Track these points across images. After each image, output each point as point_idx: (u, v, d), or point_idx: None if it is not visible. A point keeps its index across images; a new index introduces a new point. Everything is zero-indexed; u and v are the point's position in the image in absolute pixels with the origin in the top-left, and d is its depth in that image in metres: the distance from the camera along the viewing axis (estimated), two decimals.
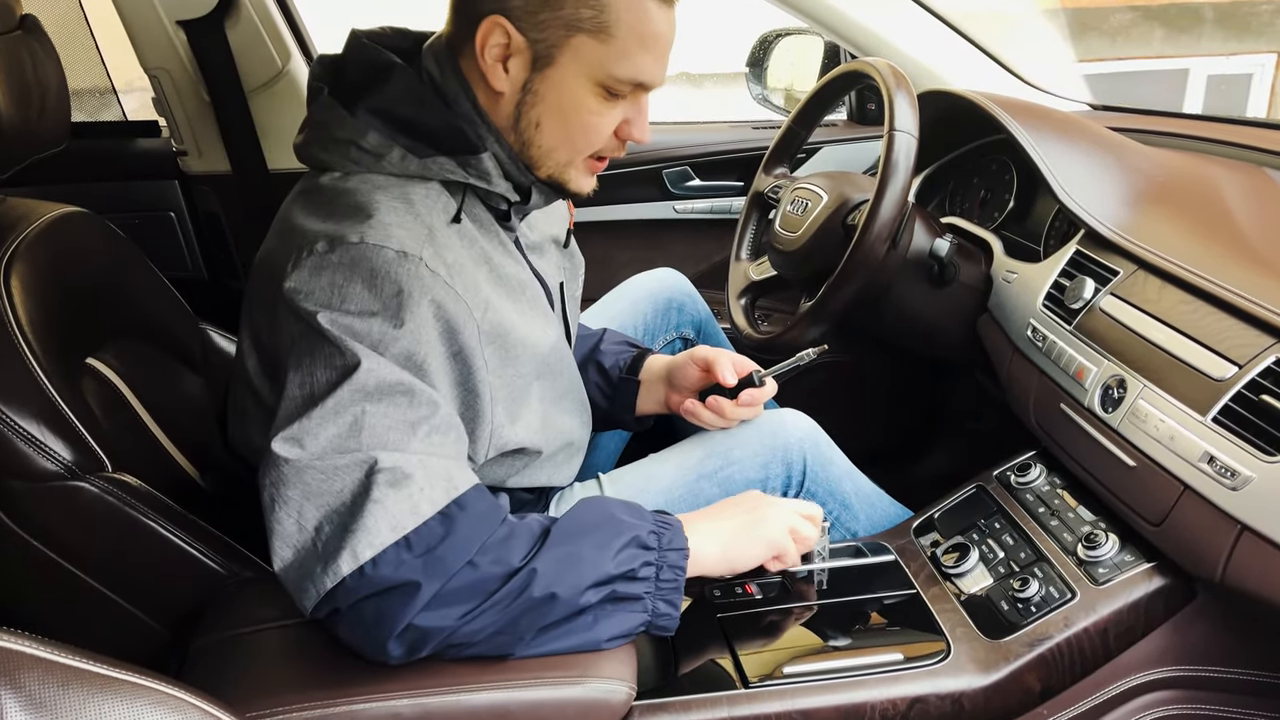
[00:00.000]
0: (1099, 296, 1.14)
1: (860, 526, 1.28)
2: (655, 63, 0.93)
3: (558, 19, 0.89)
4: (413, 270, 0.86)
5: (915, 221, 1.35)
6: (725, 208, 2.00)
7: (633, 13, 0.89)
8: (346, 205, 0.90)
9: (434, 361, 0.88)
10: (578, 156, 0.97)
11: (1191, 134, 1.50)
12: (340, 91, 0.95)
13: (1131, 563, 1.02)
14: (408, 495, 0.82)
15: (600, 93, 0.93)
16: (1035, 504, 1.16)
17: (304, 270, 0.87)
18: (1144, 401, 1.00)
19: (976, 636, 1.02)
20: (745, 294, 1.58)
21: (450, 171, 0.93)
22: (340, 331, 0.84)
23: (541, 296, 1.05)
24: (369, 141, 0.92)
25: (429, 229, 0.90)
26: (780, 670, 0.98)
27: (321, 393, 0.83)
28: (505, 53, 0.91)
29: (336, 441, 0.82)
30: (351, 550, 0.80)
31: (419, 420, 0.85)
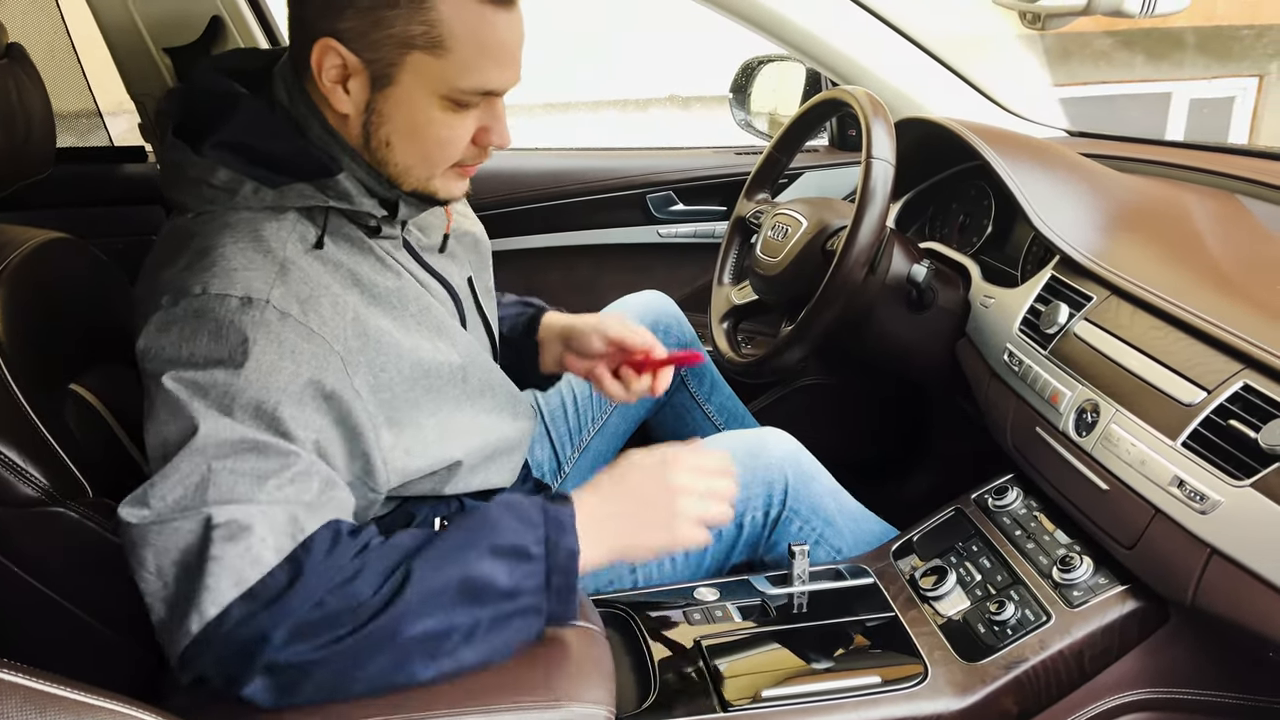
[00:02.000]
0: (1073, 322, 1.15)
1: (845, 544, 1.28)
2: (501, 69, 0.89)
3: (389, 38, 0.85)
4: (257, 317, 0.83)
5: (894, 247, 1.37)
6: (708, 232, 2.01)
7: (467, 24, 0.85)
8: (193, 252, 0.87)
9: (288, 409, 0.84)
10: (437, 169, 0.93)
11: (1165, 160, 1.52)
12: (188, 127, 0.92)
13: (1105, 585, 1.03)
14: (247, 547, 0.78)
15: (448, 105, 0.89)
16: (1012, 527, 1.17)
17: (151, 327, 0.85)
18: (1116, 426, 1.02)
19: (954, 659, 1.03)
20: (727, 318, 1.60)
21: (308, 197, 0.90)
22: (186, 390, 0.81)
23: (432, 306, 0.99)
24: (219, 179, 0.89)
25: (280, 265, 0.87)
26: (759, 693, 0.98)
27: (170, 453, 0.81)
28: (343, 74, 0.88)
29: (181, 500, 0.79)
30: (198, 609, 0.78)
31: (269, 472, 0.81)
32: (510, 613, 0.85)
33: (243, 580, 0.78)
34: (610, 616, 1.11)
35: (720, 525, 0.99)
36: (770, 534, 1.27)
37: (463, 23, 0.85)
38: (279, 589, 0.79)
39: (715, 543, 1.24)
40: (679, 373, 1.61)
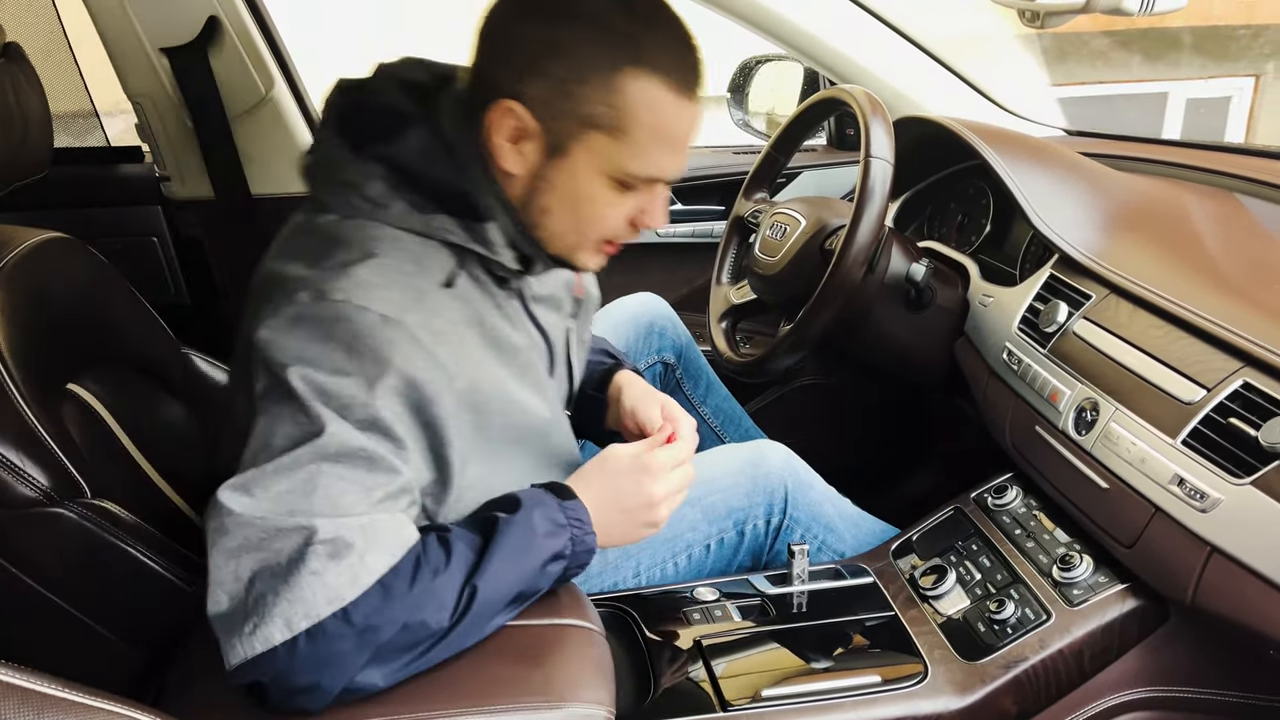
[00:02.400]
0: (1072, 320, 1.15)
1: (847, 547, 1.28)
2: (673, 158, 0.91)
3: (573, 113, 0.86)
4: (393, 336, 0.84)
5: (892, 246, 1.37)
6: (706, 232, 2.01)
7: (651, 112, 0.86)
8: (337, 256, 0.87)
9: (401, 429, 0.85)
10: (587, 242, 0.94)
11: (1163, 159, 1.52)
12: (351, 128, 0.92)
13: (1105, 584, 1.03)
14: (348, 566, 0.79)
15: (614, 185, 0.90)
16: (1012, 526, 1.17)
17: (281, 319, 0.84)
18: (1116, 424, 1.01)
19: (953, 658, 1.02)
20: (726, 317, 1.60)
21: (451, 233, 0.91)
22: (310, 391, 0.81)
23: (535, 363, 1.01)
24: (372, 190, 0.89)
25: (418, 292, 0.88)
26: (759, 693, 0.98)
27: (281, 447, 0.81)
28: (518, 135, 0.88)
29: (286, 500, 0.80)
30: (285, 620, 0.77)
31: (375, 485, 0.83)
32: (532, 601, 0.91)
33: (338, 598, 0.79)
34: (610, 616, 1.11)
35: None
36: (773, 543, 1.27)
37: (648, 110, 0.86)
38: (372, 610, 0.80)
39: (716, 549, 1.24)
40: (674, 374, 1.61)
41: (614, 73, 0.85)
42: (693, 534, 1.24)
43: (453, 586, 0.85)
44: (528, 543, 0.89)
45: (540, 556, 0.89)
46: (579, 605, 0.94)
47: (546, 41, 0.86)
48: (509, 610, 0.89)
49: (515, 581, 0.88)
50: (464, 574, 0.86)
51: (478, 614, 0.85)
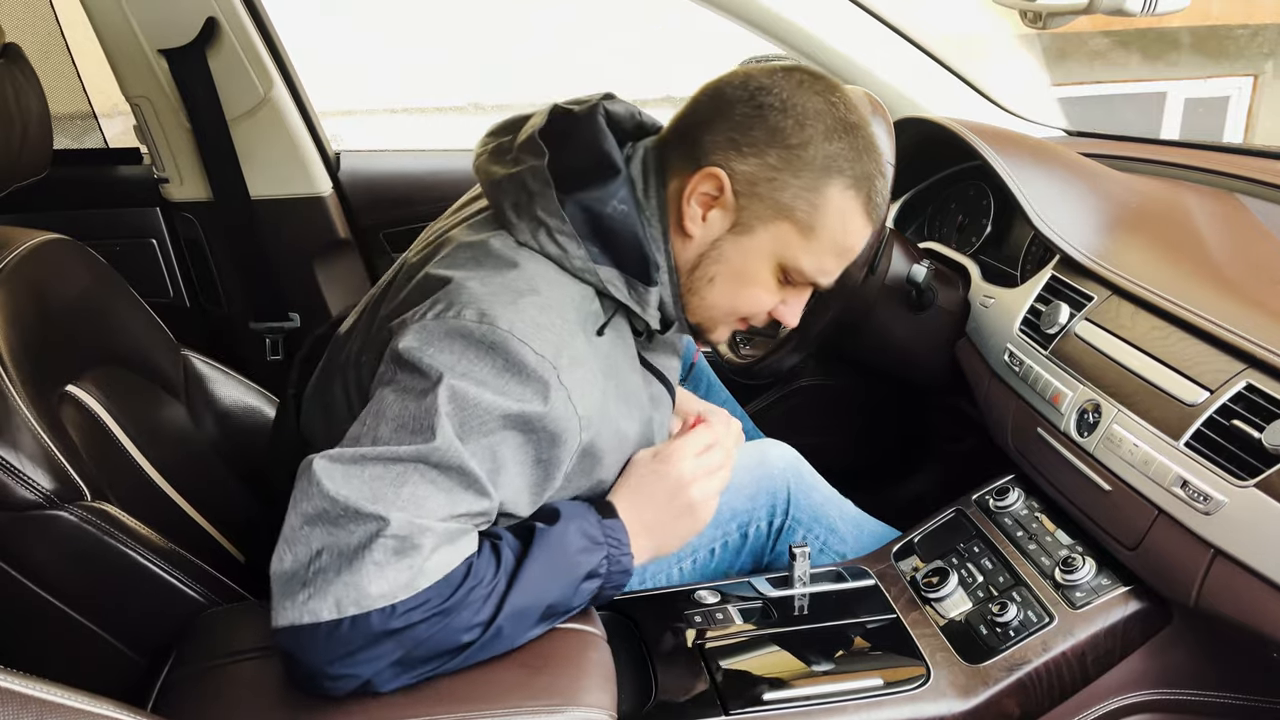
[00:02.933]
0: (1074, 322, 1.15)
1: (849, 549, 1.28)
2: (838, 267, 0.96)
3: (774, 200, 0.90)
4: (545, 378, 0.85)
5: (893, 247, 1.37)
6: None
7: (842, 223, 0.92)
8: (510, 285, 0.88)
9: (513, 467, 0.87)
10: (731, 318, 0.98)
11: (1165, 160, 1.52)
12: (559, 163, 0.92)
13: (1108, 586, 1.03)
14: (409, 565, 0.80)
15: (779, 274, 0.94)
16: (1013, 528, 1.17)
17: (441, 325, 0.86)
18: (1118, 426, 1.01)
19: (956, 661, 1.02)
20: None
21: (615, 288, 0.92)
22: (444, 401, 0.82)
23: (644, 407, 1.02)
24: (563, 234, 0.90)
25: (572, 338, 0.89)
26: (760, 696, 0.98)
27: (389, 438, 0.83)
28: (711, 203, 0.92)
29: (374, 486, 0.81)
30: (336, 600, 0.79)
31: (461, 502, 0.84)
32: (565, 618, 0.92)
33: (391, 595, 0.80)
34: (611, 620, 1.10)
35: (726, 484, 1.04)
36: (774, 544, 1.27)
37: (840, 220, 0.92)
38: (419, 616, 0.81)
39: (721, 552, 1.24)
40: None
41: (826, 177, 0.90)
42: (699, 539, 1.23)
43: (494, 596, 0.86)
44: (562, 557, 0.89)
45: (575, 573, 0.90)
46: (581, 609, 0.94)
47: (774, 129, 0.89)
48: (539, 625, 0.89)
49: (547, 595, 0.88)
50: (504, 585, 0.87)
51: (507, 625, 0.86)
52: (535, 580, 0.88)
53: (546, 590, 0.88)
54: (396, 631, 0.81)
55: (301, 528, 0.81)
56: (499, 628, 0.85)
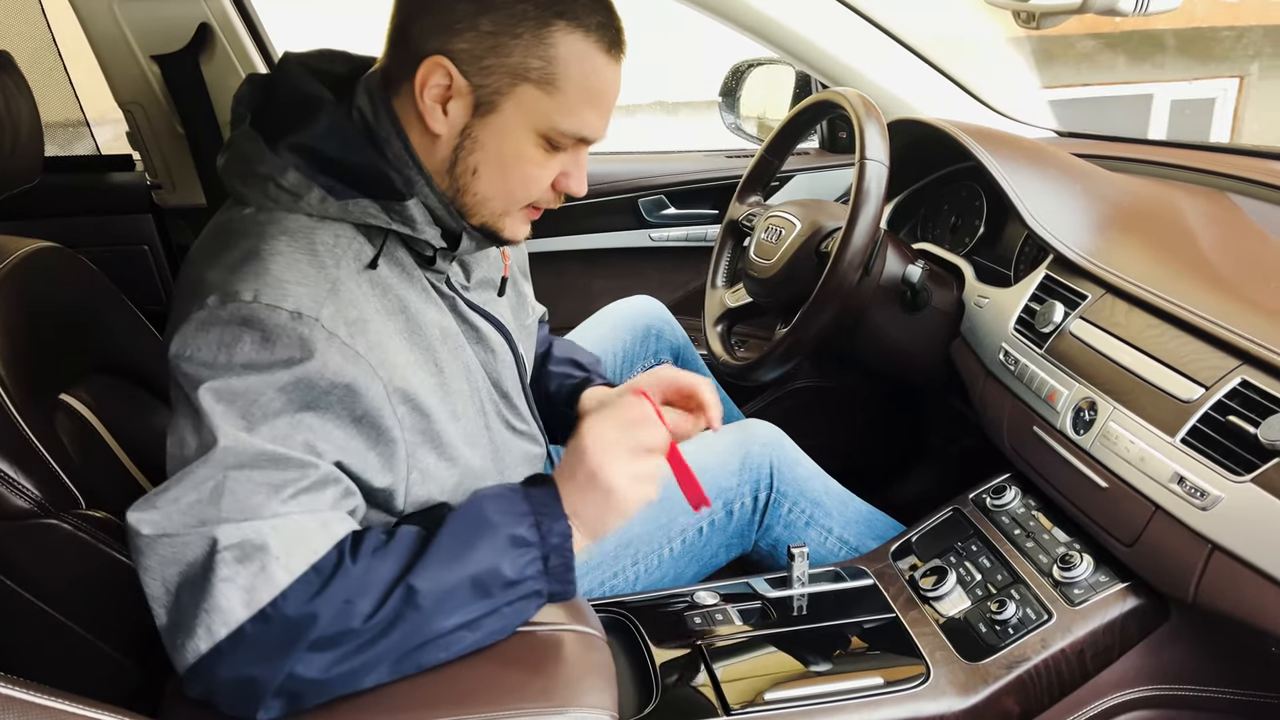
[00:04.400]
0: (1069, 320, 1.15)
1: (835, 523, 1.29)
2: (599, 118, 0.91)
3: (504, 66, 0.86)
4: (306, 334, 0.81)
5: (888, 248, 1.37)
6: (700, 235, 2.01)
7: (581, 67, 0.87)
8: (244, 254, 0.85)
9: (332, 430, 0.84)
10: (514, 206, 0.93)
11: (1155, 160, 1.53)
12: (265, 120, 0.91)
13: (1106, 583, 1.03)
14: (260, 567, 0.78)
15: (542, 144, 0.89)
16: (1011, 526, 1.17)
17: (191, 325, 0.82)
18: (1114, 423, 1.02)
19: (955, 659, 1.02)
20: (721, 320, 1.60)
21: (372, 216, 0.88)
22: (214, 398, 0.80)
23: (465, 348, 0.99)
24: (288, 180, 0.87)
25: (332, 283, 0.85)
26: (762, 696, 0.98)
27: (189, 457, 0.80)
28: (446, 95, 0.87)
29: (195, 510, 0.79)
30: (206, 628, 0.77)
31: (286, 482, 0.81)
32: (515, 598, 0.86)
33: (254, 601, 0.78)
34: (611, 621, 1.10)
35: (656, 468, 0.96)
36: (761, 519, 1.28)
37: (578, 65, 0.87)
38: (293, 610, 0.78)
39: (709, 531, 1.25)
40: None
41: (545, 26, 0.85)
42: (685, 518, 1.24)
43: (383, 575, 0.82)
44: (478, 522, 0.86)
45: (496, 535, 0.85)
46: (580, 610, 0.94)
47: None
48: (477, 599, 0.84)
49: (469, 562, 0.84)
50: (400, 562, 0.83)
51: (426, 603, 0.82)
52: (447, 548, 0.84)
53: (466, 557, 0.84)
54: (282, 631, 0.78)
55: (154, 581, 0.79)
56: (415, 598, 0.81)
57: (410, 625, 0.82)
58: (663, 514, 1.25)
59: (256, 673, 0.78)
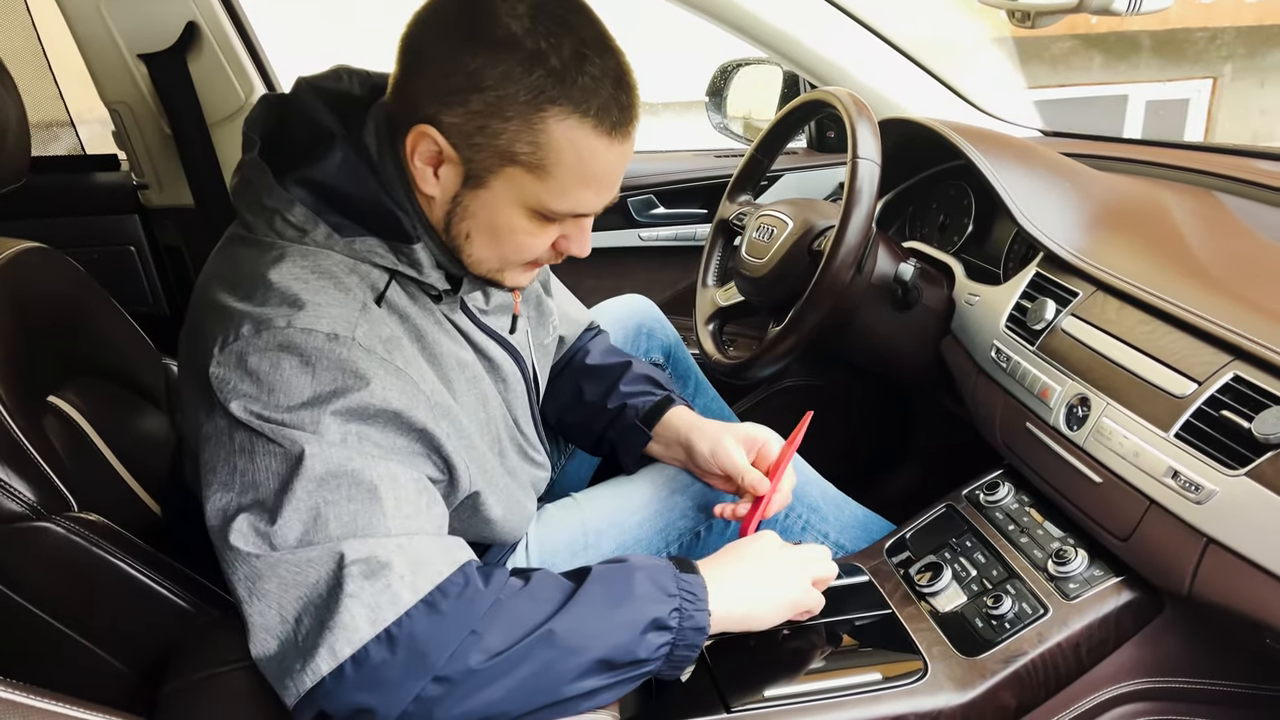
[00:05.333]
0: (1060, 317, 1.16)
1: (831, 528, 1.30)
2: (597, 195, 0.88)
3: (492, 147, 0.83)
4: (345, 353, 0.82)
5: (879, 247, 1.38)
6: (689, 235, 2.02)
7: (576, 151, 0.82)
8: (272, 283, 0.84)
9: (380, 435, 0.83)
10: (510, 266, 0.93)
11: (1142, 159, 1.55)
12: (275, 149, 0.89)
13: (1101, 577, 1.04)
14: (385, 585, 0.77)
15: (534, 217, 0.87)
16: (1005, 521, 1.18)
17: (229, 355, 0.82)
18: (1108, 419, 1.02)
19: (952, 654, 1.03)
20: (713, 319, 1.60)
21: (379, 256, 0.88)
22: (274, 423, 0.80)
23: (482, 377, 1.00)
24: (294, 215, 0.86)
25: (361, 304, 0.86)
26: (761, 693, 0.98)
27: (274, 485, 0.80)
28: (437, 159, 0.85)
29: (302, 533, 0.78)
30: (330, 648, 0.76)
31: (381, 498, 0.81)
32: (632, 678, 0.87)
33: (379, 620, 0.77)
34: None
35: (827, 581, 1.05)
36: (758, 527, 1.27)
37: (572, 150, 0.83)
38: (419, 632, 0.78)
39: (706, 535, 1.25)
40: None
41: (537, 111, 0.81)
42: (684, 521, 1.24)
43: (521, 616, 0.82)
44: (622, 597, 0.86)
45: (638, 617, 0.85)
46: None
47: (467, 72, 0.81)
48: (596, 675, 0.84)
49: (603, 637, 0.84)
50: (539, 609, 0.83)
51: (548, 656, 0.81)
52: (586, 617, 0.84)
53: (602, 631, 0.83)
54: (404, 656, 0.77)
55: (269, 608, 0.78)
56: (537, 657, 0.81)
57: (540, 669, 0.81)
58: (660, 518, 1.25)
59: (375, 702, 0.77)
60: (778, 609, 0.99)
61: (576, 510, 1.29)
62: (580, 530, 1.26)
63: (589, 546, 1.25)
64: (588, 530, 1.26)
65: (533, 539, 1.26)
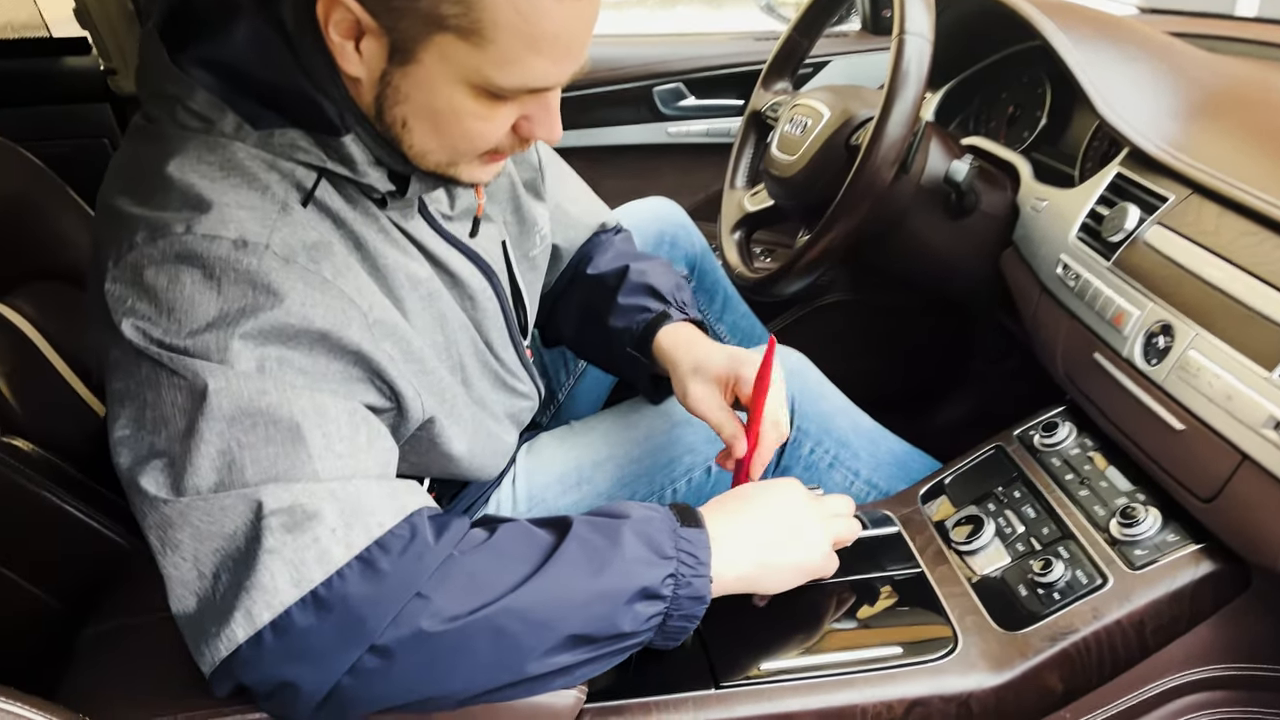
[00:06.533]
0: (1144, 227, 0.97)
1: (863, 465, 1.15)
2: (555, 64, 0.71)
3: (414, 10, 0.66)
4: (255, 264, 0.68)
5: (930, 141, 1.19)
6: (724, 130, 1.83)
7: (513, 9, 0.66)
8: (172, 182, 0.70)
9: (302, 359, 0.70)
10: (463, 158, 0.76)
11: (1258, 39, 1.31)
12: (176, 26, 0.74)
13: (1175, 544, 0.87)
14: (313, 539, 0.66)
15: (482, 96, 0.71)
16: (1063, 470, 1.01)
17: (124, 269, 0.69)
18: (1196, 352, 0.84)
19: (989, 627, 0.87)
20: (740, 227, 1.42)
21: (302, 151, 0.73)
22: (175, 351, 0.67)
23: (441, 294, 0.85)
24: (196, 103, 0.72)
25: (282, 205, 0.72)
26: (757, 667, 0.84)
27: (181, 424, 0.67)
28: (355, 31, 0.69)
29: (217, 480, 0.66)
30: (246, 612, 0.65)
31: (306, 437, 0.68)
32: (614, 652, 0.76)
33: (304, 580, 0.66)
34: None
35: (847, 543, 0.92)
36: (778, 459, 1.14)
37: (510, 6, 0.66)
38: (354, 595, 0.66)
39: (718, 471, 1.11)
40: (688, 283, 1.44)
41: None
42: (691, 456, 1.11)
43: (480, 578, 0.70)
44: (606, 561, 0.74)
45: (621, 585, 0.73)
46: None
47: None
48: (568, 651, 0.72)
49: (579, 607, 0.72)
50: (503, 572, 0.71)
51: (519, 634, 0.70)
52: (560, 583, 0.72)
53: (579, 601, 0.72)
54: (336, 622, 0.66)
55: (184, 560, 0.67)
56: (498, 629, 0.69)
57: (501, 642, 0.70)
58: (665, 451, 1.11)
59: (301, 675, 0.66)
60: (790, 575, 0.86)
61: (574, 440, 1.17)
62: (575, 464, 1.13)
63: (583, 482, 1.12)
64: (583, 464, 1.13)
65: (521, 472, 1.14)
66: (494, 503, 1.11)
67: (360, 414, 0.73)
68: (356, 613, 0.66)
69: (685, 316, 1.09)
